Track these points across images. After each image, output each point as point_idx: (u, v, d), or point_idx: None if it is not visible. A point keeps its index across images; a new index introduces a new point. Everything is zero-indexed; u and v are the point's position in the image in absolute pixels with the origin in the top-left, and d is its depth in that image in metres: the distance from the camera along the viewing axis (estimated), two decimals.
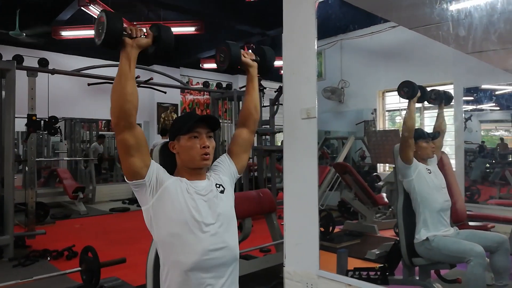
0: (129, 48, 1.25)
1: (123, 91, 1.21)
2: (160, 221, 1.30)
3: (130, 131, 1.24)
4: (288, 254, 2.29)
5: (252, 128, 1.60)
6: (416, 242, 2.49)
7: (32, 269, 3.69)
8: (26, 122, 4.46)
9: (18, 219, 5.00)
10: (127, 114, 1.22)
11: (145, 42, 1.29)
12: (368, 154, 6.32)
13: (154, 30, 1.33)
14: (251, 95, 1.62)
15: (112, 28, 1.20)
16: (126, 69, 1.24)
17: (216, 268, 1.29)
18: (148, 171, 1.28)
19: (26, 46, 7.30)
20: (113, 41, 1.22)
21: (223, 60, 1.58)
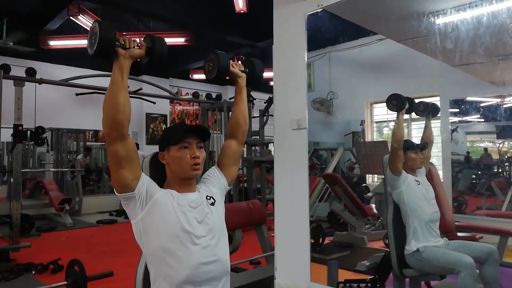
0: (122, 59, 1.24)
1: (116, 101, 1.20)
2: (150, 234, 1.28)
3: (122, 142, 1.22)
4: (279, 266, 2.27)
5: (241, 139, 1.60)
6: (406, 253, 2.49)
7: (17, 283, 3.59)
8: (12, 132, 4.38)
9: (1, 232, 4.88)
10: (119, 125, 1.21)
11: (138, 53, 1.28)
12: (357, 165, 6.36)
13: (147, 41, 1.32)
14: (240, 106, 1.62)
15: (105, 39, 1.19)
16: (119, 80, 1.23)
17: (208, 281, 1.27)
18: (138, 184, 1.26)
19: (13, 55, 7.22)
20: (106, 51, 1.21)
21: (211, 69, 1.58)
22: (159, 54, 1.31)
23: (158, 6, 6.35)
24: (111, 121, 1.20)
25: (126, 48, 1.25)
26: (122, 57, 1.24)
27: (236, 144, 1.57)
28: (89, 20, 6.06)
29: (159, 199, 1.28)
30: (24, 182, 7.68)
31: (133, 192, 1.25)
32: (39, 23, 6.81)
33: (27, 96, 4.91)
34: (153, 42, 1.31)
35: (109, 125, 1.21)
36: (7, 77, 4.35)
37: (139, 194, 1.26)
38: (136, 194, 1.26)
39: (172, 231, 1.26)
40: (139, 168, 1.29)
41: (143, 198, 1.27)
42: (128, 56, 1.25)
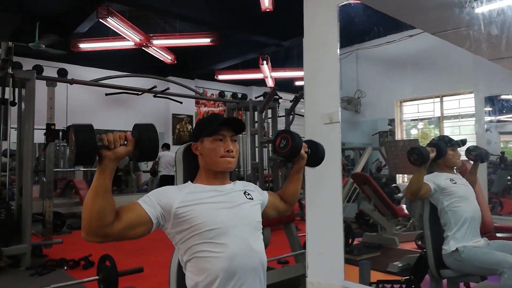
0: (106, 162, 1.10)
1: (96, 207, 1.08)
2: (184, 236, 1.26)
3: (107, 239, 1.12)
4: (311, 265, 2.22)
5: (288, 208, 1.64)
6: (444, 253, 2.39)
7: (49, 278, 3.67)
8: (45, 132, 4.50)
9: (35, 229, 5.01)
10: (99, 229, 1.09)
11: (125, 152, 1.13)
12: (386, 165, 6.21)
13: (135, 134, 1.17)
14: (295, 185, 1.63)
15: (83, 145, 1.05)
16: (100, 184, 1.09)
17: (244, 273, 1.23)
18: (152, 219, 1.21)
19: (44, 58, 7.44)
20: (87, 159, 1.07)
21: (283, 147, 1.56)
22: (147, 146, 1.16)
23: (184, 7, 6.41)
24: (88, 227, 1.09)
25: (112, 149, 1.11)
26: (107, 159, 1.10)
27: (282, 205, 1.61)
28: (118, 22, 6.18)
29: (179, 207, 1.24)
30: (56, 182, 7.90)
31: (154, 224, 1.21)
32: (70, 26, 7.01)
33: (59, 97, 5.04)
34: (139, 133, 1.16)
35: (86, 231, 1.09)
36: (40, 78, 4.47)
37: (159, 220, 1.22)
38: (156, 222, 1.22)
39: (203, 226, 1.23)
40: (142, 215, 1.19)
41: (163, 217, 1.23)
42: (114, 158, 1.11)
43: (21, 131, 4.39)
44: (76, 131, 1.06)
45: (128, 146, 1.14)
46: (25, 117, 4.36)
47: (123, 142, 1.13)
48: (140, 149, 1.15)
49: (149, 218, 1.19)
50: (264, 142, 6.19)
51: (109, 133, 1.12)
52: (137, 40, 6.67)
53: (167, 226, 1.25)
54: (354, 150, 6.58)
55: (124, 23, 6.28)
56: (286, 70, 8.80)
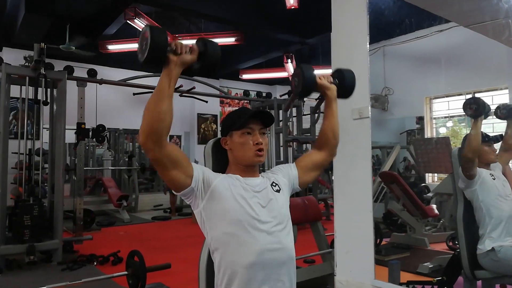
0: (172, 66, 1.15)
1: (158, 109, 1.12)
2: (213, 221, 1.25)
3: (161, 150, 1.15)
4: (340, 263, 2.18)
5: (329, 153, 1.52)
6: (479, 253, 2.30)
7: (80, 273, 3.77)
8: (76, 130, 4.63)
9: (65, 225, 5.16)
10: (158, 134, 1.13)
11: (190, 59, 1.19)
12: (415, 164, 6.05)
13: (200, 45, 1.22)
14: (330, 120, 1.52)
15: (156, 44, 1.10)
16: (165, 87, 1.14)
17: (273, 268, 1.22)
18: (193, 178, 1.22)
19: (73, 59, 7.65)
20: (157, 58, 1.13)
21: (297, 84, 1.48)
22: (211, 59, 1.22)
23: (209, 6, 6.45)
24: (149, 129, 1.12)
25: (178, 54, 1.15)
26: (173, 63, 1.15)
27: (319, 156, 1.51)
28: (145, 23, 6.28)
29: (218, 185, 1.25)
30: (85, 181, 8.12)
31: (191, 186, 1.22)
32: (98, 28, 7.17)
33: (89, 97, 5.18)
34: (205, 46, 1.21)
35: (146, 133, 1.12)
36: (70, 78, 4.60)
37: (197, 186, 1.23)
38: (193, 187, 1.23)
39: (235, 216, 1.23)
40: (189, 165, 1.23)
41: (201, 188, 1.24)
42: (180, 63, 1.16)
43: (53, 131, 4.53)
44: (152, 28, 1.12)
45: (193, 54, 1.19)
46: (56, 117, 4.49)
47: (189, 49, 1.19)
48: (203, 60, 1.21)
49: (192, 174, 1.22)
50: (289, 141, 6.16)
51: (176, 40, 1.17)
52: None
53: (201, 200, 1.25)
54: (381, 149, 6.44)
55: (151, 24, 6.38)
56: None
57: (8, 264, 3.90)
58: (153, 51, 1.11)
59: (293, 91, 1.54)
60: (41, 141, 4.61)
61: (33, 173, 4.41)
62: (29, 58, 4.38)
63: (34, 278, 3.62)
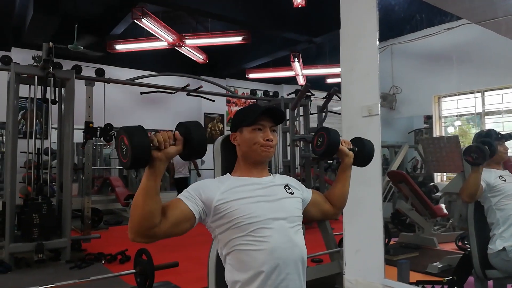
0: (157, 163, 1.07)
1: (146, 208, 1.07)
2: (223, 231, 1.24)
3: (155, 239, 1.12)
4: (349, 262, 2.16)
5: (336, 211, 1.56)
6: (490, 253, 2.27)
7: (88, 271, 3.79)
8: (84, 129, 4.65)
9: (74, 224, 5.20)
10: (148, 230, 1.08)
11: (175, 151, 1.10)
12: (423, 163, 6.00)
13: (182, 131, 1.13)
14: (343, 184, 1.54)
15: (138, 148, 1.01)
16: (152, 186, 1.08)
17: (284, 267, 1.20)
18: (195, 215, 1.19)
19: (81, 59, 7.69)
20: (143, 161, 1.05)
21: (320, 145, 1.50)
22: (197, 144, 1.12)
23: (216, 5, 6.45)
24: (138, 228, 1.08)
25: (162, 149, 1.07)
26: (158, 160, 1.07)
27: (328, 208, 1.53)
28: (152, 23, 6.30)
29: (220, 199, 1.22)
30: (93, 180, 8.18)
31: (197, 219, 1.20)
32: (106, 28, 7.21)
33: (97, 97, 5.20)
34: (189, 131, 1.12)
35: (135, 232, 1.08)
36: (79, 77, 4.63)
37: (201, 214, 1.21)
38: (199, 217, 1.21)
39: (243, 221, 1.21)
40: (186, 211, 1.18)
41: (204, 211, 1.22)
42: (165, 158, 1.08)
43: (61, 130, 4.55)
44: (130, 134, 1.03)
45: (177, 145, 1.11)
46: (65, 116, 4.52)
47: (172, 141, 1.10)
48: (189, 148, 1.13)
49: (192, 213, 1.18)
50: (296, 140, 6.14)
51: (157, 133, 1.09)
52: (170, 40, 6.77)
53: (208, 219, 1.24)
54: (389, 148, 6.40)
55: (158, 24, 6.40)
56: (317, 67, 8.69)
57: (17, 262, 3.94)
58: (137, 157, 1.02)
59: (314, 150, 1.55)
60: (50, 140, 4.64)
61: (42, 172, 4.44)
62: (38, 58, 4.41)
63: (43, 276, 3.64)
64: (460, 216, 4.71)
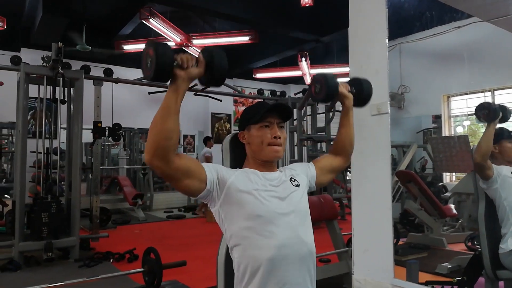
0: (179, 81, 1.09)
1: (165, 127, 1.08)
2: (232, 218, 1.23)
3: (169, 166, 1.11)
4: (357, 262, 2.15)
5: (345, 159, 1.55)
6: (501, 253, 2.24)
7: (96, 269, 3.81)
8: (92, 129, 4.68)
9: (82, 223, 5.23)
10: (164, 152, 1.09)
11: (197, 73, 1.13)
12: (431, 163, 5.95)
13: (206, 55, 1.16)
14: (346, 128, 1.53)
15: (162, 61, 1.05)
16: (172, 104, 1.09)
17: (293, 263, 1.20)
18: (208, 181, 1.20)
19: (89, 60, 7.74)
20: (164, 75, 1.08)
21: (318, 91, 1.49)
22: (219, 71, 1.15)
23: (224, 5, 6.45)
24: (155, 148, 1.08)
25: (185, 68, 1.10)
26: (181, 79, 1.09)
27: (336, 161, 1.53)
28: (160, 23, 6.32)
29: (234, 182, 1.23)
30: (101, 179, 8.23)
31: (207, 189, 1.20)
32: (114, 28, 7.25)
33: (105, 97, 5.23)
34: (211, 57, 1.15)
35: (152, 151, 1.08)
36: (87, 77, 4.66)
37: (212, 187, 1.21)
38: (209, 188, 1.21)
39: (253, 211, 1.21)
40: (202, 170, 1.19)
41: (217, 188, 1.22)
42: (187, 78, 1.10)
43: (70, 130, 4.59)
44: (156, 45, 1.07)
45: (199, 67, 1.14)
46: (74, 116, 4.55)
47: (195, 63, 1.13)
48: (211, 73, 1.15)
49: (206, 178, 1.19)
50: (303, 139, 6.12)
51: (181, 54, 1.11)
52: (178, 40, 6.80)
53: (218, 199, 1.23)
54: (397, 148, 6.35)
55: (166, 24, 6.42)
56: (325, 66, 8.65)
57: (26, 261, 3.97)
58: (160, 68, 1.06)
59: (313, 97, 1.54)
60: (59, 140, 4.68)
61: (51, 172, 4.48)
62: (47, 58, 4.44)
63: (52, 274, 3.67)
64: (470, 216, 4.66)
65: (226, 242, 1.29)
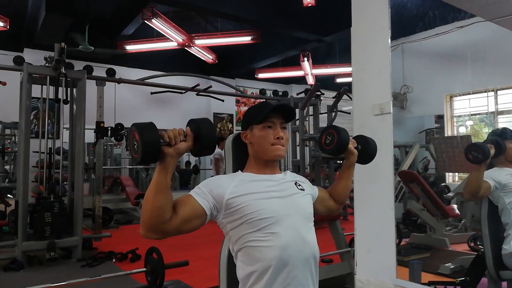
0: (168, 159, 1.09)
1: (156, 204, 1.08)
2: (234, 226, 1.23)
3: (166, 234, 1.12)
4: (360, 262, 2.14)
5: (338, 207, 1.59)
6: (504, 253, 2.23)
7: (99, 269, 3.82)
8: (95, 129, 4.69)
9: (85, 223, 5.25)
10: (158, 226, 1.10)
11: (186, 147, 1.12)
12: (434, 163, 5.94)
13: (193, 128, 1.15)
14: (346, 183, 1.57)
15: (149, 144, 1.05)
16: (162, 181, 1.09)
17: (296, 264, 1.20)
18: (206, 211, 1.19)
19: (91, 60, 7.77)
20: (153, 156, 1.07)
21: (329, 143, 1.50)
22: (207, 141, 1.14)
23: (226, 5, 6.46)
24: (148, 223, 1.09)
25: (172, 145, 1.10)
26: (169, 156, 1.09)
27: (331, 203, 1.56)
28: (162, 23, 6.33)
29: (231, 195, 1.22)
30: (103, 179, 8.24)
31: (207, 216, 1.20)
32: (117, 28, 7.27)
33: (107, 97, 5.24)
34: (198, 128, 1.14)
35: (146, 227, 1.10)
36: (90, 77, 4.67)
37: (211, 211, 1.20)
38: (209, 214, 1.20)
39: (255, 217, 1.20)
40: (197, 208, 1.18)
41: (215, 207, 1.21)
42: (175, 154, 1.10)
43: (73, 130, 4.60)
44: (140, 130, 1.06)
45: (187, 141, 1.13)
46: (76, 116, 4.57)
47: (183, 138, 1.12)
48: (200, 144, 1.14)
49: (204, 210, 1.18)
50: (305, 140, 6.11)
51: (168, 129, 1.11)
52: (180, 40, 6.80)
53: (219, 216, 1.23)
54: (399, 148, 6.34)
55: (168, 24, 6.43)
56: (327, 66, 8.65)
57: (29, 260, 3.98)
58: (147, 152, 1.05)
59: (322, 148, 1.55)
60: (61, 140, 4.69)
61: (54, 172, 4.49)
62: (50, 58, 4.46)
63: (54, 274, 3.68)
64: (473, 216, 4.65)
65: (230, 249, 1.29)
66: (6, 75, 4.88)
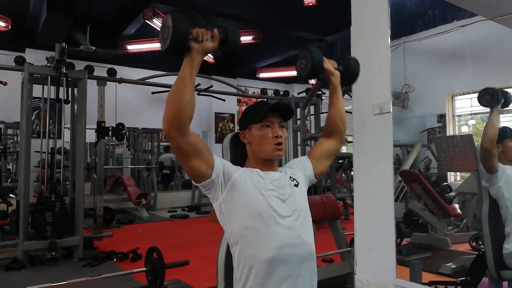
0: (194, 54, 1.14)
1: (181, 97, 1.12)
2: (233, 214, 1.23)
3: (184, 138, 1.14)
4: (360, 262, 2.13)
5: (339, 140, 1.52)
6: (505, 253, 2.23)
7: (100, 268, 3.83)
8: (96, 129, 4.70)
9: (86, 223, 5.25)
10: (181, 122, 1.12)
11: (211, 47, 1.17)
12: (435, 163, 5.92)
13: (221, 32, 1.19)
14: (336, 106, 1.50)
15: (178, 33, 1.07)
16: (187, 75, 1.13)
17: (293, 263, 1.19)
18: (214, 170, 1.21)
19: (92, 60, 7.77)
20: (179, 47, 1.10)
21: (304, 67, 1.46)
22: (232, 47, 1.19)
23: (227, 4, 6.45)
24: (172, 117, 1.12)
25: (199, 42, 1.13)
26: (195, 51, 1.13)
27: (330, 143, 1.50)
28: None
29: (238, 178, 1.23)
30: (105, 179, 8.26)
31: (211, 178, 1.21)
32: (118, 28, 7.27)
33: (108, 97, 5.25)
34: (226, 33, 1.18)
35: (169, 122, 1.12)
36: (91, 77, 4.67)
37: (217, 177, 1.22)
38: (214, 178, 1.22)
39: (255, 209, 1.21)
40: (211, 156, 1.22)
41: (221, 180, 1.23)
42: (201, 51, 1.14)
43: (74, 130, 4.61)
44: (174, 16, 1.09)
45: (214, 42, 1.17)
46: (77, 116, 4.57)
47: (210, 38, 1.16)
48: (224, 48, 1.19)
49: (213, 165, 1.22)
50: (306, 139, 6.11)
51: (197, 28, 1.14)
52: None
53: (221, 192, 1.24)
54: (401, 147, 6.32)
55: None
56: None
57: (30, 260, 3.99)
58: (175, 40, 1.08)
59: (298, 74, 1.51)
60: (63, 140, 4.70)
61: (55, 172, 4.50)
62: (51, 58, 4.47)
63: (55, 273, 3.69)
64: (474, 216, 4.63)
65: (227, 238, 1.29)
66: (8, 75, 4.89)
